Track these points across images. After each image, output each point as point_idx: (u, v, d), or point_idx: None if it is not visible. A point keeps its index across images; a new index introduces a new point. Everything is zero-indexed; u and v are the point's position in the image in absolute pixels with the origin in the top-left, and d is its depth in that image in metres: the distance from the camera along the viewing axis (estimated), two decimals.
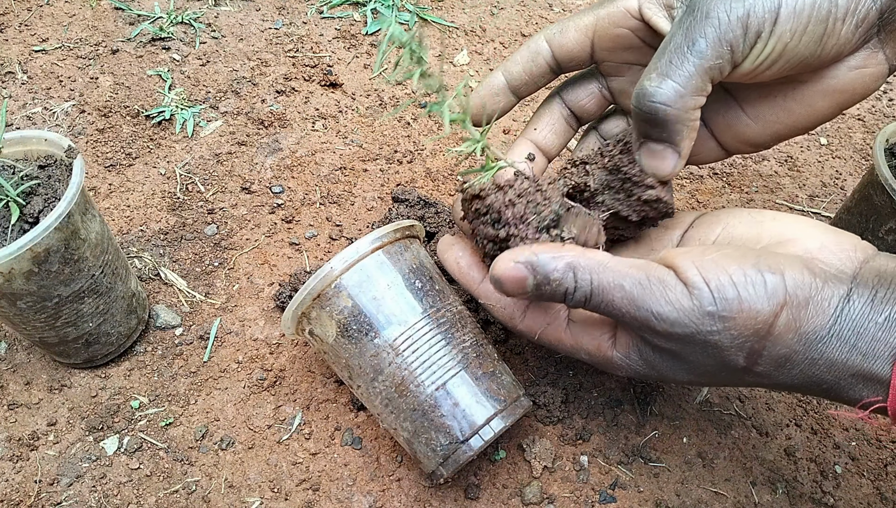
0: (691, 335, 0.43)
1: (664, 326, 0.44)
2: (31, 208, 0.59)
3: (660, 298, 0.43)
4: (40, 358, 0.72)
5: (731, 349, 0.43)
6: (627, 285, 0.44)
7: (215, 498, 0.63)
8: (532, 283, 0.47)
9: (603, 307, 0.46)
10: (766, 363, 0.44)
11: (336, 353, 0.60)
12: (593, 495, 0.64)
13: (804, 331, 0.42)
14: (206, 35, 1.06)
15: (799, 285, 0.42)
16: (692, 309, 0.43)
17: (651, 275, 0.44)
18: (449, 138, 0.94)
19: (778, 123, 0.54)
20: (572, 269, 0.46)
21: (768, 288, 0.42)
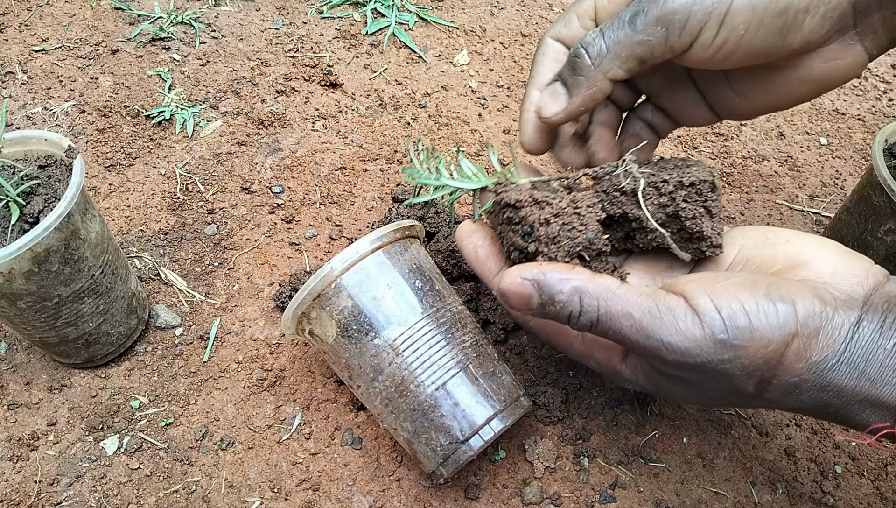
0: (702, 364, 0.43)
1: (675, 356, 0.43)
2: (31, 208, 0.59)
3: (670, 327, 0.43)
4: (40, 358, 0.72)
5: (741, 377, 0.43)
6: (637, 313, 0.44)
7: (215, 498, 0.63)
8: (537, 302, 0.47)
9: (611, 334, 0.46)
10: (776, 391, 0.44)
11: (336, 353, 0.60)
12: (593, 495, 0.65)
13: (814, 360, 0.42)
14: (206, 35, 1.06)
15: (810, 314, 0.42)
16: (703, 338, 0.42)
17: (661, 304, 0.44)
18: (449, 138, 0.95)
19: (759, 100, 0.55)
20: (579, 293, 0.46)
21: (780, 317, 0.42)
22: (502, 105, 1.00)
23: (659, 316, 0.44)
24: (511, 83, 1.03)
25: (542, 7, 1.17)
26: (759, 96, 0.55)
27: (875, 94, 1.07)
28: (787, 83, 0.53)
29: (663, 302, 0.44)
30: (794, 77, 0.52)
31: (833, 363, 0.42)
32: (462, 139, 0.95)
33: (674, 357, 0.43)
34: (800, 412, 0.47)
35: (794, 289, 0.43)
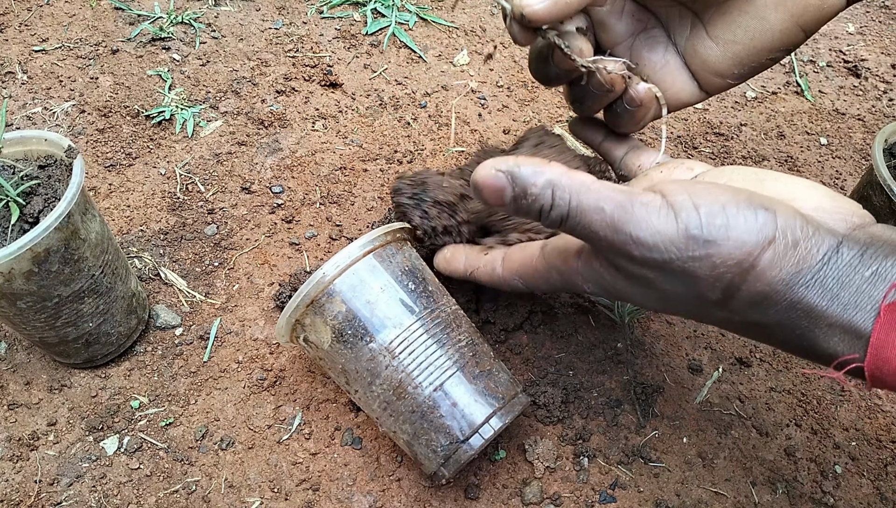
0: (669, 261, 0.42)
1: (641, 251, 0.42)
2: (31, 208, 0.59)
3: (641, 221, 0.42)
4: (40, 358, 0.72)
5: (709, 279, 0.42)
6: (608, 207, 0.43)
7: (215, 498, 0.63)
8: (510, 195, 0.45)
9: (580, 229, 0.45)
10: (742, 300, 0.42)
11: (332, 359, 0.60)
12: (593, 495, 0.65)
13: (788, 272, 0.41)
14: (206, 35, 1.06)
15: (790, 226, 0.41)
16: (675, 233, 0.41)
17: (635, 199, 0.43)
18: (449, 139, 0.95)
19: (736, 42, 0.54)
20: (552, 186, 0.44)
21: (758, 221, 0.41)
22: (502, 105, 1.00)
23: (631, 210, 0.42)
24: (511, 83, 1.03)
25: None
26: (735, 35, 0.54)
27: (875, 94, 1.07)
28: (761, 9, 0.52)
29: (638, 198, 0.43)
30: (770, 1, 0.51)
31: (807, 279, 0.41)
32: (462, 139, 0.95)
33: (640, 253, 0.42)
34: (763, 332, 0.45)
35: (777, 203, 0.42)
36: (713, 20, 0.54)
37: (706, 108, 1.03)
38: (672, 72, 0.58)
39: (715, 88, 0.59)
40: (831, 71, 1.11)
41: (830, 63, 1.12)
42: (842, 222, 0.44)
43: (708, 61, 0.56)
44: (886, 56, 1.13)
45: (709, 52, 0.56)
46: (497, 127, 0.97)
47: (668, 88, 0.59)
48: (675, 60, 0.58)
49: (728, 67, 0.56)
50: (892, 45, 1.16)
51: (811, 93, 1.07)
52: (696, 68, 0.58)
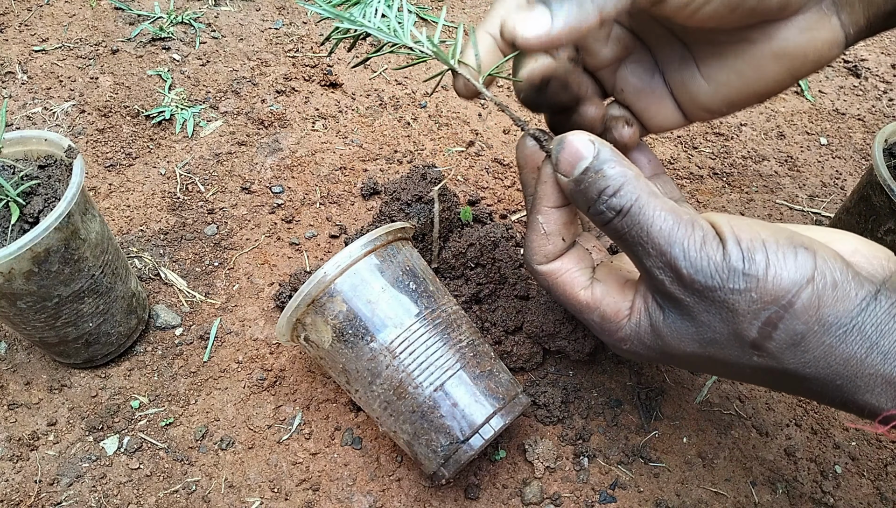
0: (712, 288, 0.42)
1: (690, 271, 0.42)
2: (31, 208, 0.59)
3: (695, 243, 0.43)
4: (40, 358, 0.72)
5: (748, 314, 0.42)
6: (671, 220, 0.43)
7: (215, 498, 0.63)
8: (585, 165, 0.45)
9: (634, 231, 0.44)
10: (780, 339, 0.42)
11: (332, 358, 0.60)
12: (593, 495, 0.65)
13: (825, 314, 0.41)
14: (206, 35, 1.06)
15: (829, 266, 0.41)
16: (720, 263, 0.42)
17: (695, 221, 0.44)
18: (449, 138, 0.95)
19: (729, 85, 0.54)
20: (625, 178, 0.44)
21: (798, 260, 0.41)
22: None
23: (690, 231, 0.43)
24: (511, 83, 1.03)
25: None
26: (729, 79, 0.53)
27: (875, 94, 1.07)
28: (760, 59, 0.52)
29: (698, 221, 0.44)
30: (769, 52, 0.51)
31: (845, 323, 0.41)
32: (462, 139, 0.95)
33: (688, 272, 0.42)
34: (802, 384, 0.44)
35: (818, 244, 0.43)
36: (706, 59, 0.54)
37: None
38: (658, 98, 0.58)
39: (699, 119, 0.59)
40: (831, 71, 1.11)
41: (830, 63, 1.12)
42: (879, 268, 0.44)
43: (697, 98, 0.56)
44: (886, 56, 1.13)
45: (699, 88, 0.55)
46: (497, 127, 0.97)
47: (653, 115, 0.59)
48: (661, 88, 0.57)
49: (717, 106, 0.56)
50: (892, 45, 1.16)
51: (811, 93, 1.07)
52: (683, 100, 0.57)
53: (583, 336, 0.67)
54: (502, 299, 0.72)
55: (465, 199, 0.86)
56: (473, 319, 0.72)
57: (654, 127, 0.60)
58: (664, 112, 0.58)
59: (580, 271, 0.52)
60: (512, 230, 0.81)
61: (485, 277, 0.74)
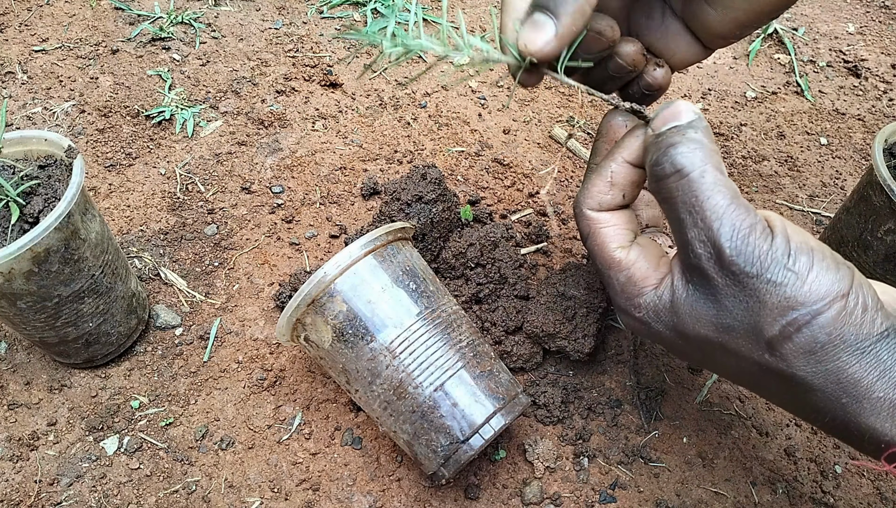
0: (749, 274, 0.42)
1: (732, 251, 0.42)
2: (31, 208, 0.59)
3: (745, 226, 0.43)
4: (40, 358, 0.72)
5: (775, 309, 0.42)
6: (728, 198, 0.43)
7: (215, 498, 0.63)
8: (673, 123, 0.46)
9: (687, 197, 0.44)
10: (798, 344, 0.42)
11: (332, 358, 0.60)
12: (593, 495, 0.65)
13: (849, 332, 0.41)
14: (206, 35, 1.06)
15: (864, 291, 0.42)
16: (765, 251, 0.42)
17: (751, 209, 0.44)
18: (449, 138, 0.95)
19: (735, 7, 0.54)
20: (702, 146, 0.45)
21: (839, 273, 0.42)
22: (502, 105, 1.00)
23: (745, 214, 0.43)
24: (511, 83, 1.03)
25: None
26: (735, 2, 0.53)
27: (875, 94, 1.07)
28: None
29: (752, 209, 0.44)
30: None
31: (864, 346, 0.41)
32: (462, 139, 0.95)
33: (730, 251, 0.42)
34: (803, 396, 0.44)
35: (857, 271, 0.43)
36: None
37: (706, 108, 1.03)
38: (674, 36, 0.58)
39: (718, 45, 0.59)
40: (831, 71, 1.11)
41: (830, 63, 1.12)
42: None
43: (708, 25, 0.56)
44: (886, 56, 1.13)
45: (708, 16, 0.55)
46: (497, 127, 0.97)
47: (673, 53, 0.59)
48: (675, 24, 0.58)
49: (729, 30, 0.56)
50: (892, 45, 1.16)
51: (811, 93, 1.07)
52: (698, 31, 0.57)
53: (583, 336, 0.67)
54: (502, 299, 0.72)
55: (465, 199, 0.86)
56: (473, 319, 0.72)
57: (676, 64, 0.60)
58: (682, 47, 0.58)
59: (624, 230, 0.52)
60: (512, 230, 0.81)
61: (485, 277, 0.74)
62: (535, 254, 0.81)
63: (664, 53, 0.59)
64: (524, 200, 0.87)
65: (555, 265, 0.80)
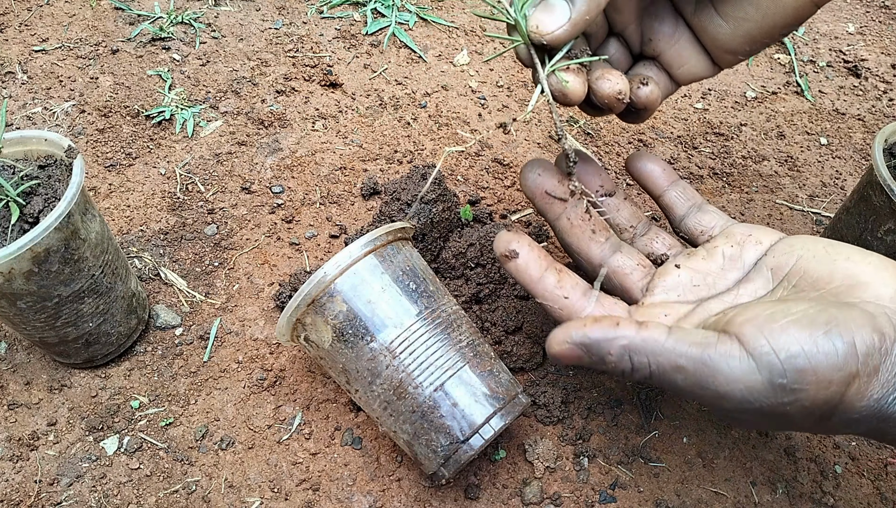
0: (760, 409, 0.43)
1: (732, 404, 0.43)
2: (31, 208, 0.59)
3: (726, 376, 0.42)
4: (40, 358, 0.72)
5: (801, 416, 0.43)
6: (689, 366, 0.43)
7: (215, 498, 0.63)
8: (588, 361, 0.47)
9: (667, 387, 0.46)
10: (836, 423, 0.44)
11: (332, 358, 0.60)
12: (593, 495, 0.65)
13: (874, 397, 0.42)
14: (206, 35, 1.06)
15: (870, 351, 0.41)
16: (761, 383, 0.42)
17: (713, 352, 0.43)
18: (448, 138, 0.94)
19: (748, 20, 0.53)
20: (628, 352, 0.45)
21: (840, 357, 0.41)
22: (502, 105, 1.00)
23: (713, 366, 0.42)
24: (511, 83, 1.03)
25: None
26: (747, 14, 0.52)
27: (875, 94, 1.07)
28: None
29: (716, 350, 0.43)
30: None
31: (894, 397, 0.42)
32: (462, 139, 0.95)
33: (732, 405, 0.43)
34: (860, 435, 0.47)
35: (854, 322, 0.42)
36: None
37: (706, 108, 1.03)
38: (685, 47, 0.57)
39: (727, 63, 0.58)
40: (831, 71, 1.11)
41: (830, 63, 1.12)
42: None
43: (718, 39, 0.55)
44: (886, 56, 1.13)
45: (719, 29, 0.54)
46: (497, 127, 0.97)
47: (682, 64, 0.58)
48: (686, 35, 0.57)
49: (740, 45, 0.55)
50: (892, 45, 1.16)
51: (811, 93, 1.07)
52: (707, 44, 0.56)
53: None
54: (502, 299, 0.72)
55: (465, 199, 0.86)
56: (473, 319, 0.72)
57: (683, 77, 0.59)
58: (692, 60, 0.57)
59: None
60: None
61: (485, 277, 0.74)
62: None
63: (672, 64, 0.58)
64: (524, 200, 0.87)
65: None
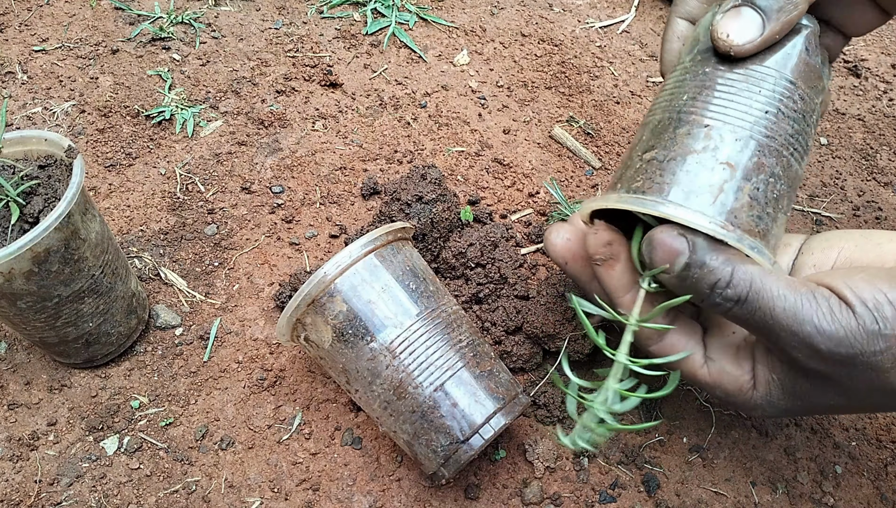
0: (853, 356, 0.42)
1: (829, 345, 0.42)
2: (31, 208, 0.59)
3: (826, 315, 0.42)
4: (40, 358, 0.72)
5: (893, 369, 0.42)
6: (792, 297, 0.42)
7: (215, 498, 0.63)
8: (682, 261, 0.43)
9: (757, 316, 0.43)
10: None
11: (332, 358, 0.60)
12: (593, 495, 0.65)
13: None
14: (206, 35, 1.06)
15: None
16: (857, 328, 0.41)
17: (816, 292, 0.42)
18: (448, 138, 0.94)
19: None
20: (732, 265, 0.43)
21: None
22: (502, 105, 1.00)
23: (815, 303, 0.42)
24: (511, 83, 1.03)
25: (542, 7, 1.17)
26: None
27: (875, 94, 1.07)
28: None
29: (818, 292, 0.43)
30: None
31: None
32: (462, 139, 0.95)
33: (827, 346, 0.42)
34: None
35: None
36: None
37: None
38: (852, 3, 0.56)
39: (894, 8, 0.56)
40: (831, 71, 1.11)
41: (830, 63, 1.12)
42: None
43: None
44: (886, 56, 1.13)
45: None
46: (497, 127, 0.97)
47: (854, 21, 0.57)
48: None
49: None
50: (892, 45, 1.16)
51: None
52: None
53: (583, 337, 0.67)
54: (502, 299, 0.72)
55: (465, 199, 0.86)
56: (473, 319, 0.72)
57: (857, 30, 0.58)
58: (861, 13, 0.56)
59: (691, 347, 0.51)
60: (512, 230, 0.81)
61: (485, 277, 0.74)
62: (535, 254, 0.81)
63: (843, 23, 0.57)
64: (524, 200, 0.87)
65: (555, 265, 0.80)
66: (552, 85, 1.03)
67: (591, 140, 0.96)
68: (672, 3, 0.54)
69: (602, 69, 1.06)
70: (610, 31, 1.13)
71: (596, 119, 0.99)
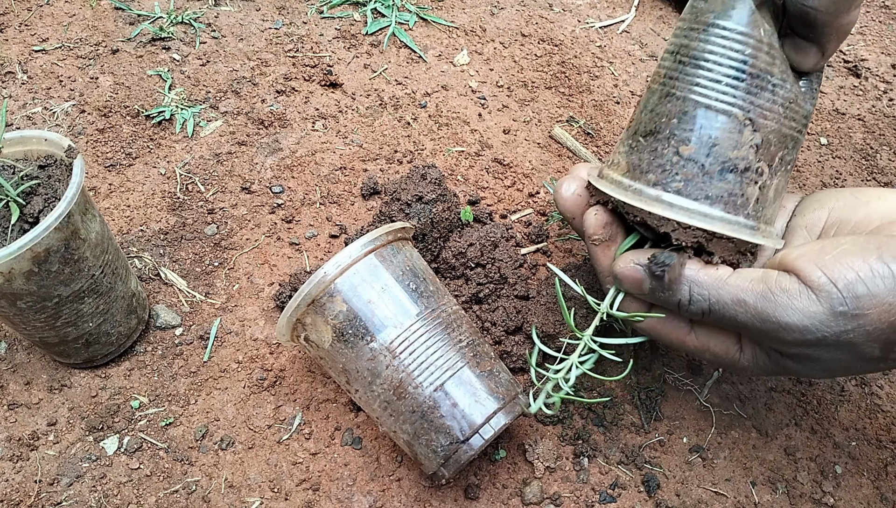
0: (823, 338, 0.43)
1: (795, 335, 0.44)
2: (31, 208, 0.59)
3: (786, 308, 0.43)
4: (40, 358, 0.72)
5: (866, 343, 0.43)
6: (750, 299, 0.45)
7: (215, 498, 0.63)
8: (648, 286, 0.48)
9: (725, 322, 0.47)
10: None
11: (332, 358, 0.60)
12: (593, 495, 0.65)
13: None
14: (206, 35, 1.06)
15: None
16: (822, 313, 0.42)
17: (773, 286, 0.44)
18: (448, 138, 0.95)
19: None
20: (689, 282, 0.47)
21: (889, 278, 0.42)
22: (502, 105, 1.00)
23: (773, 299, 0.44)
24: (511, 83, 1.03)
25: (542, 7, 1.17)
26: None
27: (875, 94, 1.07)
28: None
29: (775, 284, 0.44)
30: None
31: None
32: (462, 139, 0.95)
33: (794, 337, 0.44)
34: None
35: None
36: None
37: None
38: None
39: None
40: (831, 71, 1.11)
41: (830, 63, 1.12)
42: None
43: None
44: (886, 56, 1.13)
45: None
46: (497, 127, 0.97)
47: None
48: None
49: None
50: (892, 45, 1.16)
51: None
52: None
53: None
54: (502, 299, 0.72)
55: (465, 199, 0.86)
56: (473, 319, 0.72)
57: None
58: None
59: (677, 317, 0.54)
60: (512, 230, 0.81)
61: (485, 277, 0.74)
62: (535, 254, 0.81)
63: None
64: (524, 200, 0.87)
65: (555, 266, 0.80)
66: (552, 85, 1.03)
67: (591, 140, 0.96)
68: None
69: (602, 69, 1.06)
70: (610, 31, 1.13)
71: (596, 119, 0.99)
